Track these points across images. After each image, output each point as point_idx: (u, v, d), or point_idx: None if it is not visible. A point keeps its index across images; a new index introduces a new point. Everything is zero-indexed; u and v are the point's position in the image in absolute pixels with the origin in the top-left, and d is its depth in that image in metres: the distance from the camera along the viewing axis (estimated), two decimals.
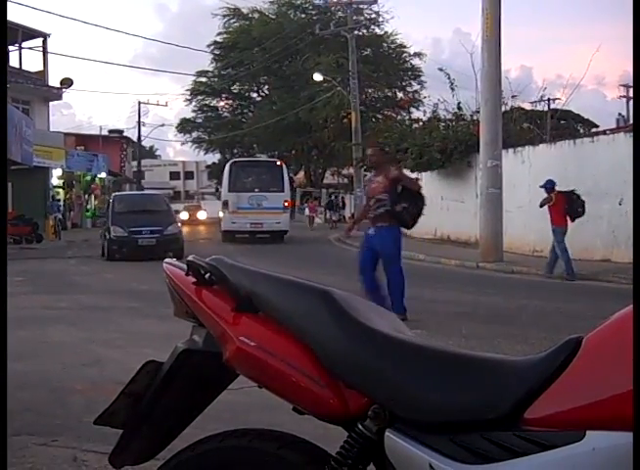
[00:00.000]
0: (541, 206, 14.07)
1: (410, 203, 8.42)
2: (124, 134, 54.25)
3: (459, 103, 23.50)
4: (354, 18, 37.27)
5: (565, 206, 13.57)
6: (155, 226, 19.42)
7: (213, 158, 58.18)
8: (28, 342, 7.17)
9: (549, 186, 13.86)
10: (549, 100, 26.37)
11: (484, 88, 16.66)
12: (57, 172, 36.53)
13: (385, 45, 46.51)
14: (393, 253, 8.56)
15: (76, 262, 18.74)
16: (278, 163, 27.61)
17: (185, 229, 27.41)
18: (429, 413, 1.54)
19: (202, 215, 47.37)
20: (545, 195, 13.93)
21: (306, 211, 41.33)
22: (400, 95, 46.17)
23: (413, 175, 25.25)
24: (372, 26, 45.86)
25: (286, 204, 25.87)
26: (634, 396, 1.33)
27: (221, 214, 26.58)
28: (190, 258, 1.90)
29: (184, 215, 43.70)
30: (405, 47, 46.70)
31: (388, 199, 8.42)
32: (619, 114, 31.71)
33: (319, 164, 52.15)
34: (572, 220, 13.68)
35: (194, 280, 1.86)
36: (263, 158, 42.04)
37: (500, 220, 16.37)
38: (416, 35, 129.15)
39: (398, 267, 8.56)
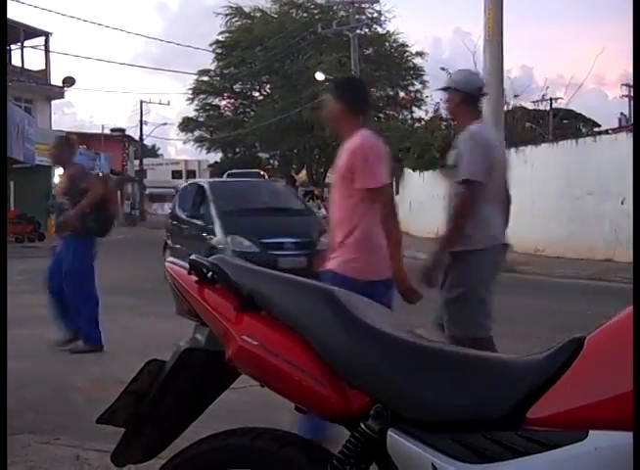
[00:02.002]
0: None
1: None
2: (126, 133, 54.24)
3: None
4: (356, 17, 37.20)
5: None
6: (300, 237, 11.98)
7: (215, 157, 58.13)
8: (30, 340, 7.17)
9: None
10: (551, 99, 26.35)
11: (487, 87, 16.64)
12: (59, 171, 36.52)
13: (387, 44, 46.41)
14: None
15: None
16: (262, 173, 32.81)
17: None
18: (431, 413, 1.54)
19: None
20: None
21: (322, 211, 41.02)
22: (402, 94, 46.10)
23: (415, 174, 25.38)
24: (374, 26, 45.75)
25: None
26: (634, 395, 1.33)
27: None
28: (192, 256, 1.90)
29: None
30: (407, 46, 46.62)
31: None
32: (622, 113, 31.60)
33: (321, 163, 52.12)
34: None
35: (196, 279, 1.86)
36: (254, 170, 42.43)
37: None
38: (416, 35, 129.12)
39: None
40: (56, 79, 37.54)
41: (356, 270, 3.78)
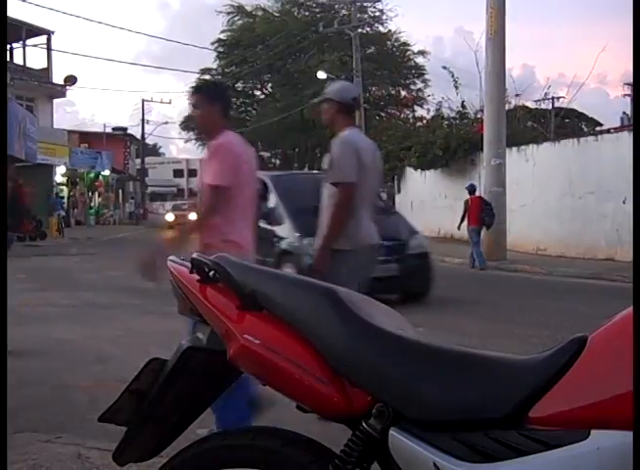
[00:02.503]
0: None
1: None
2: (128, 132, 54.27)
3: (463, 101, 23.50)
4: (358, 16, 37.21)
5: (479, 209, 15.57)
6: (389, 239, 9.36)
7: None
8: (32, 339, 7.18)
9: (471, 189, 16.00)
10: (553, 98, 26.34)
11: (489, 86, 16.65)
12: (60, 170, 36.56)
13: (388, 43, 46.40)
14: None
15: (80, 260, 18.76)
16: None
17: (170, 234, 26.40)
18: (433, 412, 1.54)
19: (193, 217, 45.93)
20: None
21: None
22: (404, 93, 46.11)
23: (416, 173, 25.38)
24: (376, 24, 45.76)
25: None
26: (634, 395, 1.33)
27: None
28: (194, 255, 1.90)
29: (169, 217, 36.44)
30: (409, 45, 46.62)
31: None
32: (624, 112, 31.58)
33: (322, 161, 52.11)
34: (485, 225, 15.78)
35: (198, 278, 1.86)
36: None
37: (504, 219, 16.37)
38: (418, 34, 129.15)
39: None
40: (58, 78, 37.61)
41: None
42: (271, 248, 10.10)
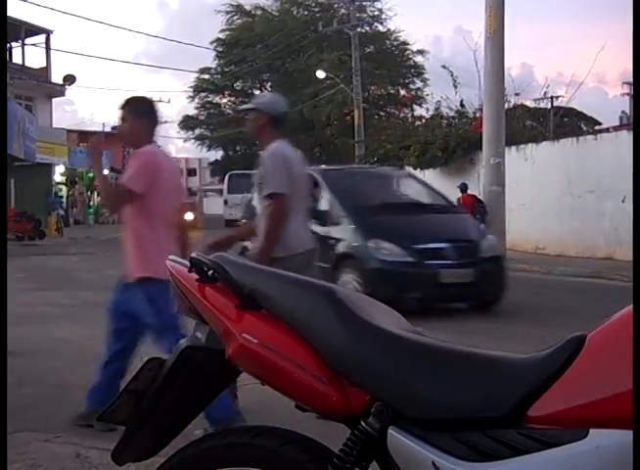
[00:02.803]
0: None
1: None
2: None
3: (462, 100, 23.49)
4: (357, 15, 37.23)
5: (470, 208, 15.22)
6: (462, 241, 9.15)
7: (216, 155, 58.08)
8: (31, 338, 7.18)
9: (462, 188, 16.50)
10: (552, 98, 26.33)
11: (488, 86, 16.62)
12: (59, 169, 36.55)
13: (387, 42, 46.39)
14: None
15: (79, 259, 18.74)
16: None
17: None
18: (432, 411, 1.54)
19: (189, 216, 45.71)
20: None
21: None
22: (403, 92, 46.10)
23: (416, 172, 25.35)
24: (375, 24, 45.75)
25: None
26: (634, 394, 1.33)
27: (223, 209, 37.02)
28: (193, 254, 1.90)
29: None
30: (408, 44, 46.61)
31: None
32: (623, 111, 31.60)
33: (322, 161, 52.11)
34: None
35: (197, 277, 1.86)
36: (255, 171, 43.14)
37: (503, 218, 16.36)
38: (417, 33, 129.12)
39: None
40: (57, 77, 37.57)
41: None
42: (326, 252, 8.68)
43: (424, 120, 25.95)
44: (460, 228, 9.46)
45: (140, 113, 4.46)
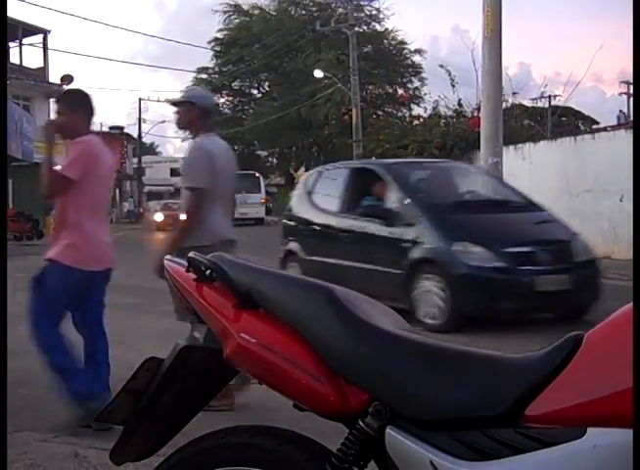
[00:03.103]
0: None
1: None
2: (125, 131, 54.21)
3: (460, 100, 23.50)
4: (355, 14, 37.22)
5: None
6: (554, 244, 8.33)
7: None
8: (29, 338, 7.15)
9: None
10: (549, 97, 26.34)
11: (486, 85, 16.61)
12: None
13: (385, 42, 46.39)
14: None
15: None
16: (257, 174, 40.34)
17: (159, 236, 25.41)
18: (430, 410, 1.54)
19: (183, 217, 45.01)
20: None
21: None
22: (401, 92, 46.09)
23: None
24: (372, 23, 45.74)
25: (262, 200, 39.70)
26: (634, 394, 1.33)
27: None
28: (191, 254, 1.90)
29: (158, 217, 35.01)
30: (405, 44, 46.61)
31: None
32: (620, 110, 31.63)
33: (320, 160, 52.10)
34: None
35: (194, 276, 1.86)
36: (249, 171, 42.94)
37: None
38: (415, 32, 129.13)
39: None
40: (54, 77, 37.48)
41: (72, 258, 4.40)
42: (396, 256, 8.09)
43: (422, 120, 25.95)
44: (549, 228, 8.64)
45: (75, 106, 4.54)
